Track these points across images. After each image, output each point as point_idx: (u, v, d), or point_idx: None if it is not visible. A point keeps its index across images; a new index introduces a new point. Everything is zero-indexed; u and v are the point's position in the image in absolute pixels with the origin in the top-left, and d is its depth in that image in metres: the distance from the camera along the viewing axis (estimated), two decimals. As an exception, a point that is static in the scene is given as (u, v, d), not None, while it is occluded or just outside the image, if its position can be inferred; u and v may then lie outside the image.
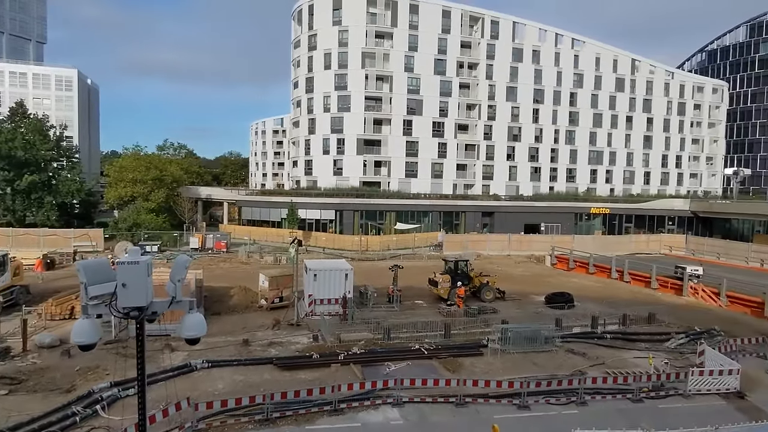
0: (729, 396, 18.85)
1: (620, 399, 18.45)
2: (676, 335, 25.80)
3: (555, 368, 21.16)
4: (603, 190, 76.32)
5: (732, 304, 33.87)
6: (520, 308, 31.92)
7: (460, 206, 64.30)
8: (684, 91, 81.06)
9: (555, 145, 74.28)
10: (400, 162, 67.35)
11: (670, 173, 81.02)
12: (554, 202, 67.86)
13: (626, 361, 22.51)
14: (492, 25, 70.26)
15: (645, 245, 59.45)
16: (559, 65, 73.35)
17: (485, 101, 70.18)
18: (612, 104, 76.44)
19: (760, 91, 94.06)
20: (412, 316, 28.01)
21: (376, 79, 66.32)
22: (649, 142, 79.13)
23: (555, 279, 42.75)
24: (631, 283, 41.34)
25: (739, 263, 49.83)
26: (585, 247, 51.82)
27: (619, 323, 28.10)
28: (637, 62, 77.94)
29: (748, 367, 20.97)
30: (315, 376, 19.74)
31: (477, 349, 23.11)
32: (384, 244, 55.49)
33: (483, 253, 53.96)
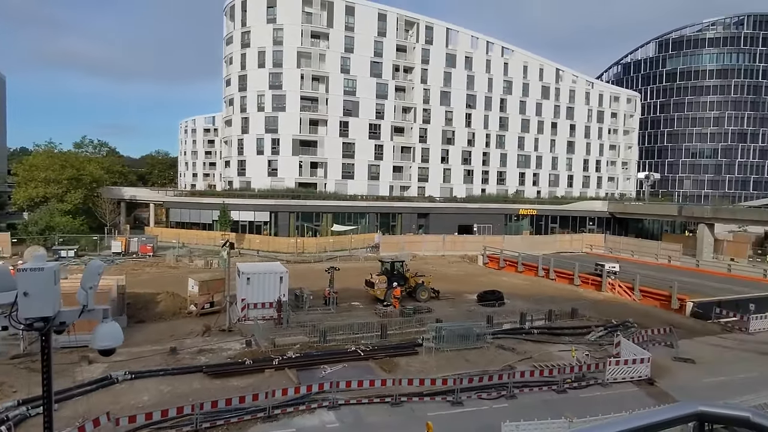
0: (641, 383, 20.38)
1: (546, 391, 19.41)
2: (596, 328, 27.57)
3: (486, 364, 21.90)
4: (531, 193, 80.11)
5: (644, 297, 36.71)
6: (454, 307, 32.76)
7: (397, 208, 65.04)
8: (602, 100, 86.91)
9: (486, 149, 77.03)
10: (337, 163, 67.06)
11: (590, 177, 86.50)
12: (486, 203, 70.33)
13: (552, 354, 23.72)
14: (427, 31, 71.73)
15: (569, 244, 63.07)
16: (490, 72, 76.18)
17: (420, 105, 71.49)
18: (539, 111, 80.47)
19: (667, 102, 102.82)
20: (349, 318, 27.92)
21: (312, 80, 65.63)
22: (572, 147, 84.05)
23: (487, 278, 44.29)
24: (557, 281, 43.65)
25: (650, 260, 54.10)
26: (514, 246, 54.11)
27: (546, 319, 29.59)
28: (561, 72, 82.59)
29: (658, 356, 22.80)
30: (248, 382, 19.16)
31: (412, 348, 23.44)
32: (320, 246, 54.98)
33: (419, 253, 54.90)
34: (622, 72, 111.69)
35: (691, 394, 18.62)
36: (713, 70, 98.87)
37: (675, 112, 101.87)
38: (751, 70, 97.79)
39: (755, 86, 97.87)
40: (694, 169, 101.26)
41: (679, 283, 35.74)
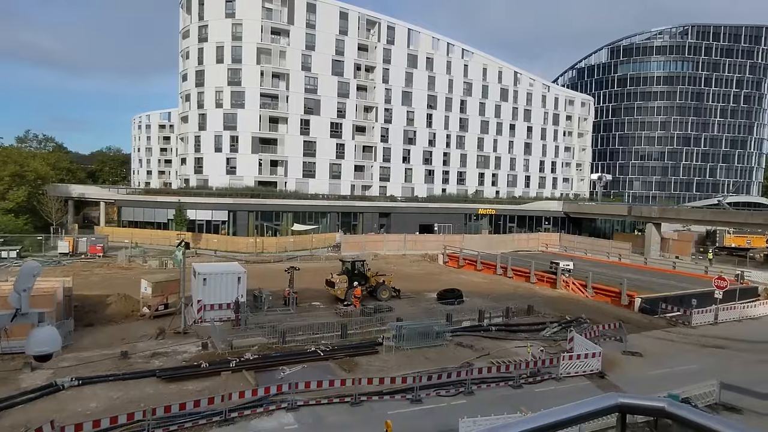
0: (593, 376, 21.15)
1: (503, 386, 19.84)
2: (551, 324, 28.43)
3: (445, 362, 22.18)
4: (490, 193, 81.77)
5: (597, 294, 38.13)
6: (414, 305, 33.02)
7: (358, 207, 64.97)
8: (558, 104, 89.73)
9: (447, 149, 78.06)
10: (298, 162, 66.33)
11: (546, 177, 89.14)
12: (446, 203, 71.30)
13: (509, 350, 24.28)
14: (388, 31, 71.97)
15: (526, 243, 64.79)
16: (450, 73, 77.23)
17: (382, 104, 71.68)
18: (497, 112, 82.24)
19: (618, 106, 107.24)
20: (309, 318, 27.66)
21: (273, 77, 64.63)
22: (529, 149, 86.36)
23: (447, 276, 44.89)
24: (514, 278, 44.74)
25: (602, 258, 56.26)
26: (474, 245, 55.11)
27: (503, 316, 30.26)
28: (519, 75, 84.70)
29: (608, 350, 23.72)
30: (204, 386, 18.68)
31: (373, 347, 23.47)
32: (281, 245, 54.26)
33: (380, 253, 55.04)
34: (577, 76, 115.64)
35: (639, 386, 19.47)
36: (660, 77, 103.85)
37: (625, 116, 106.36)
38: (695, 77, 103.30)
39: (698, 93, 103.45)
40: (643, 171, 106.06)
41: (629, 280, 37.33)
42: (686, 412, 1.43)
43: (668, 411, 1.46)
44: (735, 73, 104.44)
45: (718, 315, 31.56)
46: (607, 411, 1.45)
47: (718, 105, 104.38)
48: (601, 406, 1.47)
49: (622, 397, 1.46)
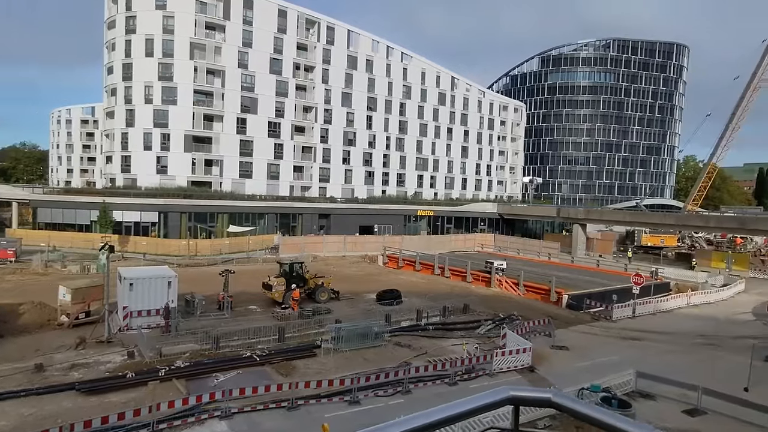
0: (524, 371, 22.08)
1: (440, 384, 20.27)
2: (485, 322, 29.38)
3: (384, 362, 22.32)
4: (428, 194, 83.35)
5: (528, 292, 39.88)
6: (354, 307, 33.00)
7: (297, 208, 64.05)
8: (493, 109, 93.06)
9: (387, 151, 78.74)
10: (234, 161, 64.35)
11: (482, 180, 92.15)
12: (386, 204, 71.88)
13: (445, 348, 24.84)
14: (328, 31, 71.56)
15: (462, 243, 66.62)
16: (390, 76, 77.99)
17: (322, 105, 71.12)
18: (435, 116, 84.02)
19: (548, 113, 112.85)
20: (245, 323, 26.92)
21: (207, 73, 62.32)
22: (465, 152, 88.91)
23: (386, 277, 45.24)
24: (451, 278, 45.86)
25: (533, 257, 58.94)
26: (413, 246, 55.95)
27: (440, 315, 30.93)
28: (456, 80, 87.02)
29: (538, 345, 24.87)
30: (130, 397, 17.67)
31: (311, 350, 23.20)
32: (215, 248, 52.41)
33: (319, 254, 54.55)
34: (510, 83, 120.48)
35: (566, 379, 20.52)
36: (586, 86, 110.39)
37: (555, 122, 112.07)
38: (616, 88, 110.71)
39: (619, 102, 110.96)
40: (571, 175, 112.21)
41: (557, 278, 39.35)
42: (568, 401, 1.53)
43: (553, 401, 1.55)
44: (651, 85, 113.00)
45: (636, 309, 33.97)
46: (499, 404, 1.50)
47: (636, 114, 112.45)
48: (493, 399, 1.53)
49: (512, 389, 1.53)
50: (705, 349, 27.28)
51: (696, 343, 28.23)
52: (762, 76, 71.14)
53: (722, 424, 17.39)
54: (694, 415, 18.17)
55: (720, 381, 20.67)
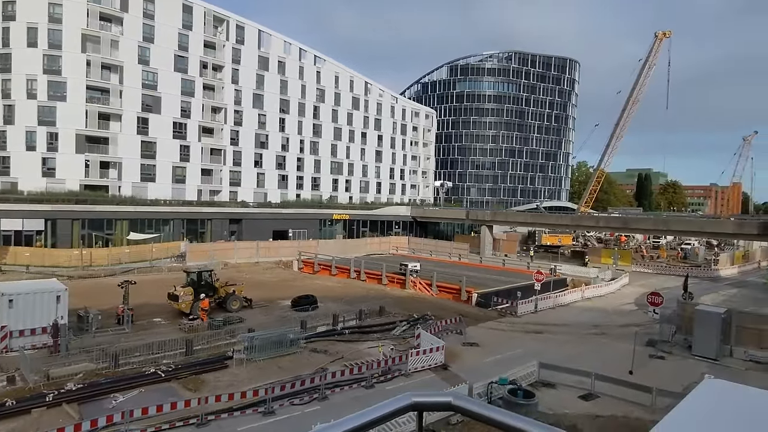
0: (437, 369, 22.75)
1: (356, 388, 20.26)
2: (400, 323, 29.92)
3: (300, 369, 21.90)
4: (343, 198, 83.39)
5: (440, 292, 41.24)
6: (268, 314, 32.08)
7: (206, 213, 61.02)
8: (405, 115, 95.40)
9: (301, 155, 77.65)
10: (134, 164, 59.87)
11: (396, 184, 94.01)
12: (301, 209, 70.82)
13: (362, 352, 24.91)
14: (238, 30, 69.16)
15: (377, 247, 67.43)
16: (303, 79, 77.07)
17: (231, 106, 68.49)
18: (350, 120, 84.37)
19: (457, 120, 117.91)
20: (148, 337, 25.07)
21: (102, 68, 57.45)
22: (380, 156, 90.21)
23: (301, 282, 44.49)
24: (367, 281, 46.17)
25: (445, 258, 61.11)
26: (328, 250, 55.60)
27: (357, 318, 30.99)
28: (370, 85, 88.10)
29: (450, 343, 25.78)
30: (10, 428, 15.71)
31: (222, 362, 22.17)
32: (114, 257, 48.37)
33: (231, 261, 52.40)
34: (422, 90, 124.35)
35: (476, 374, 21.43)
36: (491, 95, 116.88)
37: (463, 129, 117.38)
38: (517, 97, 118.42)
39: (521, 111, 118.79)
40: (478, 179, 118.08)
41: (467, 278, 41.14)
42: (467, 403, 1.58)
43: (454, 404, 1.59)
44: (548, 96, 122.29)
45: (538, 304, 36.46)
46: (403, 410, 1.51)
47: (535, 123, 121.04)
48: (398, 406, 1.52)
49: (415, 395, 1.54)
50: (597, 338, 29.92)
51: (589, 333, 30.88)
52: (639, 92, 79.82)
53: (612, 406, 19.14)
54: (588, 400, 19.83)
55: (610, 366, 22.78)
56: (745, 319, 26.70)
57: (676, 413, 6.43)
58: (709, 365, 24.36)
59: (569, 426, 17.15)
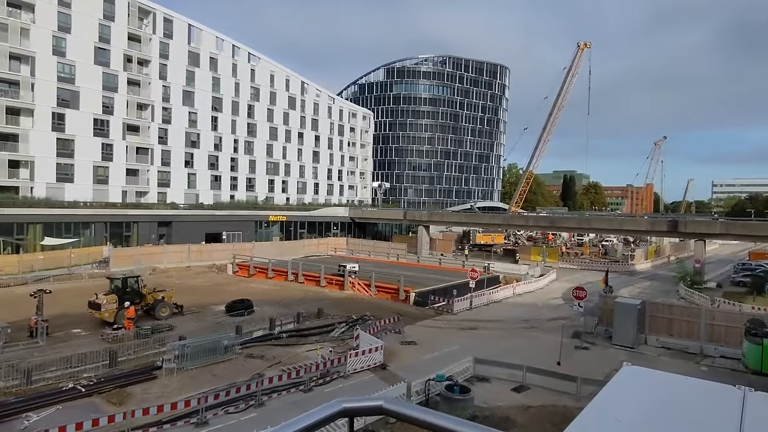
0: (376, 369, 22.83)
1: (294, 392, 19.90)
2: (339, 325, 29.77)
3: (235, 376, 21.21)
4: (280, 199, 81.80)
5: (379, 292, 41.45)
6: (200, 321, 30.83)
7: (132, 216, 57.60)
8: (342, 115, 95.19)
9: (235, 155, 75.29)
10: (49, 163, 55.40)
11: (334, 185, 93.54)
12: (235, 210, 68.63)
13: (300, 355, 24.52)
14: (165, 23, 65.91)
15: (316, 248, 66.73)
16: (236, 76, 74.78)
17: (159, 102, 65.16)
18: (286, 120, 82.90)
19: (394, 121, 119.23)
20: (66, 350, 23.27)
21: (11, 58, 52.67)
22: (317, 157, 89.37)
23: (236, 286, 43.14)
24: (305, 283, 45.55)
25: (383, 258, 61.53)
26: (265, 253, 54.30)
27: (294, 321, 30.49)
28: (306, 85, 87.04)
29: (389, 342, 25.98)
30: None
31: (150, 372, 21.01)
32: (25, 264, 44.43)
33: (159, 266, 49.84)
34: (359, 91, 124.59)
35: (415, 371, 21.72)
36: (426, 98, 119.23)
37: (400, 130, 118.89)
38: (452, 101, 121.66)
39: (455, 114, 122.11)
40: (415, 180, 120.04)
41: (405, 277, 41.68)
42: (397, 406, 1.58)
43: (384, 408, 1.58)
44: (481, 100, 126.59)
45: (473, 301, 37.58)
46: (333, 417, 1.48)
47: (469, 126, 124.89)
48: (327, 413, 1.49)
49: (345, 401, 1.51)
50: (528, 332, 31.31)
51: (521, 327, 32.26)
52: (563, 98, 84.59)
53: (542, 396, 20.09)
54: (520, 392, 20.69)
55: (540, 358, 23.91)
56: (657, 309, 28.98)
57: (598, 399, 6.87)
58: (627, 353, 26.20)
59: (502, 418, 17.81)
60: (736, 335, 24.60)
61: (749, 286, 44.73)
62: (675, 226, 53.83)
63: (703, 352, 26.45)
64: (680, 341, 27.30)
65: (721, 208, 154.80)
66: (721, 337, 26.22)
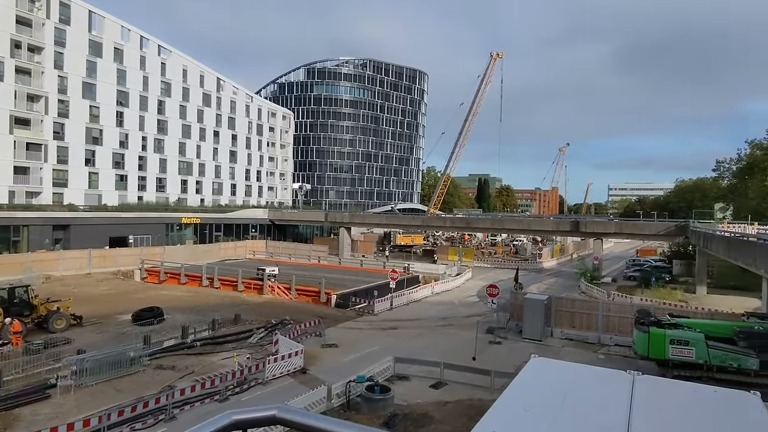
0: (296, 374, 22.41)
1: (209, 403, 18.99)
2: (257, 330, 28.85)
3: (143, 389, 19.82)
4: (194, 201, 77.81)
5: (300, 295, 40.78)
6: (103, 331, 28.47)
7: (21, 219, 51.87)
8: (261, 115, 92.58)
9: (143, 153, 70.52)
10: None
11: (252, 186, 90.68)
12: (144, 212, 64.19)
13: (215, 364, 23.43)
14: (62, 8, 60.17)
15: (233, 251, 64.27)
16: (145, 70, 70.11)
17: (55, 94, 59.37)
18: (200, 117, 79.06)
19: (315, 122, 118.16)
20: (-63, 371, 20.40)
21: None
22: (234, 157, 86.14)
23: (145, 294, 40.41)
24: (221, 289, 43.67)
25: (304, 261, 60.67)
26: (177, 257, 51.38)
27: (209, 328, 29.11)
28: (222, 81, 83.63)
29: (309, 346, 25.63)
30: None
31: (42, 391, 19.02)
32: None
33: (55, 274, 45.40)
34: (278, 91, 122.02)
35: (336, 374, 21.58)
36: (348, 100, 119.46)
37: (321, 132, 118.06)
38: (373, 104, 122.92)
39: (376, 117, 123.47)
40: (337, 182, 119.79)
41: (326, 280, 41.35)
42: (293, 415, 1.53)
43: (278, 417, 1.52)
44: (400, 104, 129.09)
45: (393, 302, 38.14)
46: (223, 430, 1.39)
47: (389, 129, 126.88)
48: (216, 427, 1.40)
49: (235, 413, 1.44)
50: (446, 329, 32.33)
51: (439, 325, 33.24)
52: (478, 105, 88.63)
53: (459, 391, 20.82)
54: (438, 388, 21.29)
55: (457, 354, 24.78)
56: (561, 303, 31.19)
57: (508, 391, 7.26)
58: (536, 346, 27.93)
59: (421, 414, 18.21)
60: (627, 325, 27.08)
61: (638, 280, 49.52)
62: (577, 226, 58.40)
63: (600, 341, 28.85)
64: (581, 333, 29.59)
65: (616, 209, 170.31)
66: (616, 327, 28.78)
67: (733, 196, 61.56)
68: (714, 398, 6.70)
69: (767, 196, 49.50)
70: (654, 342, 21.73)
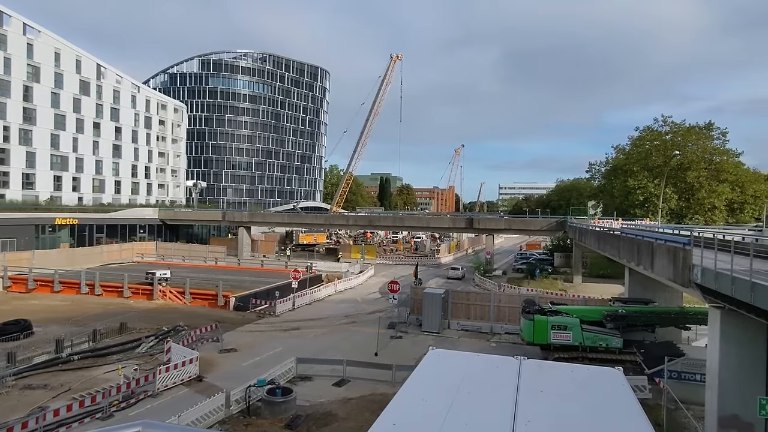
0: (191, 382, 21.16)
1: (90, 422, 17.27)
2: (147, 339, 26.78)
3: (6, 414, 17.47)
4: (70, 199, 70.01)
5: (195, 299, 38.60)
6: (-46, 351, 24.56)
7: None
8: (150, 106, 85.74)
9: (6, 145, 61.96)
10: None
11: (140, 183, 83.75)
12: (7, 212, 56.37)
13: (97, 378, 21.38)
14: None
15: (118, 255, 59.00)
16: (7, 50, 61.60)
17: None
18: (77, 107, 71.26)
19: (211, 116, 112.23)
20: None
21: None
22: (118, 151, 78.88)
23: (9, 305, 35.68)
24: (104, 295, 39.92)
25: (200, 263, 57.49)
26: (50, 263, 46.04)
27: (90, 340, 26.48)
28: (104, 68, 76.11)
29: (206, 352, 24.36)
30: None
31: None
32: None
33: None
34: (169, 81, 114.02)
35: (235, 380, 20.71)
36: (246, 95, 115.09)
37: (218, 126, 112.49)
38: (273, 99, 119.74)
39: (276, 113, 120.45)
40: (235, 179, 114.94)
41: (224, 282, 39.55)
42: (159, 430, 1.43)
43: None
44: (302, 101, 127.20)
45: (296, 302, 37.54)
46: None
47: (291, 126, 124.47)
48: None
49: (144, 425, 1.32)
50: (349, 326, 32.51)
51: (342, 323, 33.34)
52: (378, 105, 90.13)
53: (361, 387, 21.04)
54: (341, 385, 21.34)
55: (360, 351, 25.04)
56: (458, 296, 32.87)
57: (409, 382, 7.50)
58: (435, 338, 29.13)
59: (325, 413, 18.14)
60: (516, 314, 29.26)
61: (525, 272, 53.75)
62: (471, 223, 61.93)
63: (492, 330, 30.86)
64: (476, 323, 31.41)
65: (505, 207, 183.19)
66: (506, 317, 30.97)
67: (602, 194, 69.24)
68: (586, 376, 7.57)
69: (629, 194, 56.26)
70: (538, 328, 23.72)
